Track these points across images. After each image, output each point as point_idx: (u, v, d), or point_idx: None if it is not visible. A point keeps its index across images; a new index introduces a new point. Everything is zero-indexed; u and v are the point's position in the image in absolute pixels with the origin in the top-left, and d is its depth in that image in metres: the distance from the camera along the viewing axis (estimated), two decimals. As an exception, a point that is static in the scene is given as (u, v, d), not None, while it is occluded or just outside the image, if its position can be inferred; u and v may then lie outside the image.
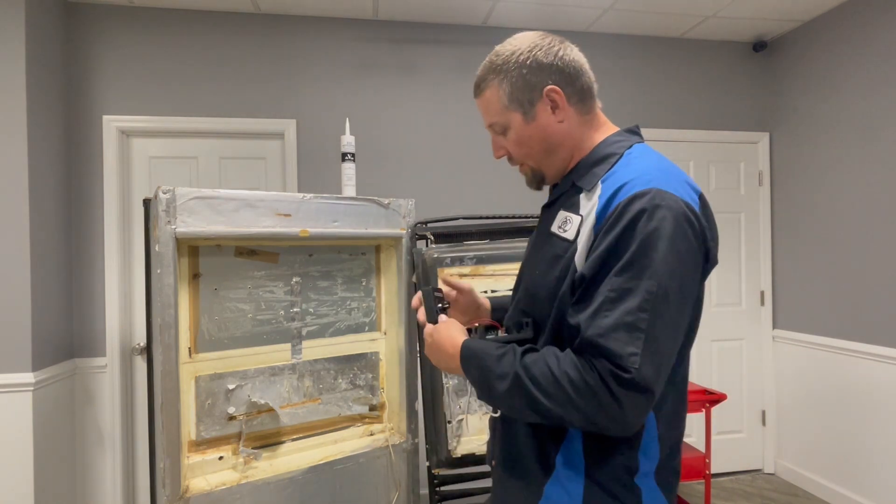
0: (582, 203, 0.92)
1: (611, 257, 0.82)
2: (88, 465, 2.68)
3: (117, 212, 2.71)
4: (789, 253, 3.31)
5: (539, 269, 0.95)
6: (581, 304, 0.84)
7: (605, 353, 0.78)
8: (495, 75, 0.99)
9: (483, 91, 1.02)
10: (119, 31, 2.75)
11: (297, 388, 1.80)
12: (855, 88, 2.85)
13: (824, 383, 3.02)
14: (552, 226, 0.96)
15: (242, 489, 1.59)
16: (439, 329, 1.02)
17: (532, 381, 0.83)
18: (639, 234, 0.80)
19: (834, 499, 2.94)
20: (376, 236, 1.86)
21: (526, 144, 1.00)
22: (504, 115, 0.99)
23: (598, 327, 0.79)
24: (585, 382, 0.78)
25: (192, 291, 1.63)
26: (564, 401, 0.80)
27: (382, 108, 3.02)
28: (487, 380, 0.89)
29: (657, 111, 3.31)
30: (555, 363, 0.82)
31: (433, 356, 1.03)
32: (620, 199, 0.84)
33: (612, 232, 0.82)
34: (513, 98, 0.98)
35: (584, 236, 0.87)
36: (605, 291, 0.80)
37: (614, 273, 0.80)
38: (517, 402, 0.86)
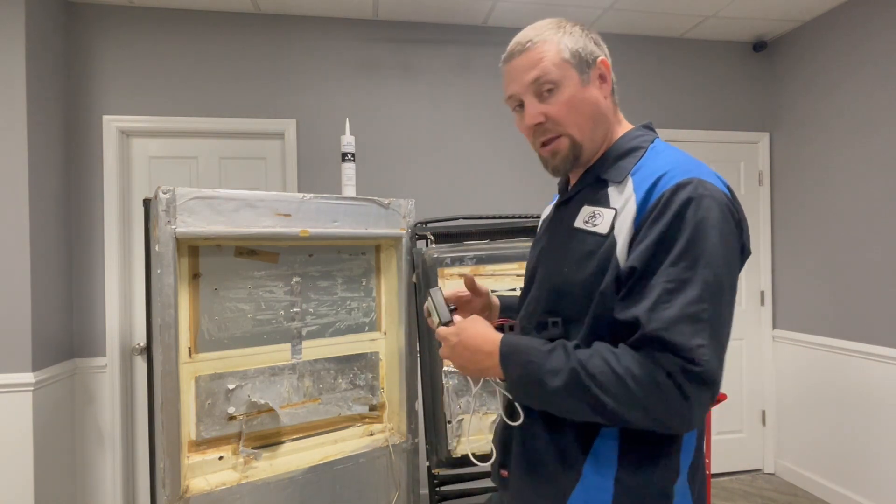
0: (612, 196, 0.88)
1: (661, 248, 0.78)
2: (88, 465, 2.68)
3: (117, 212, 2.71)
4: (789, 253, 3.31)
5: (568, 267, 0.89)
6: (633, 298, 0.79)
7: (671, 347, 0.74)
8: (553, 32, 0.93)
9: (535, 45, 0.92)
10: (119, 31, 2.75)
11: (297, 388, 1.80)
12: (855, 88, 2.85)
13: (824, 383, 3.02)
14: (575, 221, 0.91)
15: (242, 489, 1.59)
16: (465, 327, 0.92)
17: (591, 377, 0.77)
18: (689, 223, 0.78)
19: (834, 499, 2.94)
20: (376, 236, 1.86)
21: (577, 109, 0.91)
22: (561, 70, 0.90)
23: (661, 320, 0.75)
24: (652, 379, 0.75)
25: (192, 291, 1.63)
26: (628, 399, 0.76)
27: (382, 108, 3.02)
28: (537, 376, 0.81)
29: (657, 111, 3.31)
30: (613, 359, 0.77)
31: (460, 358, 0.92)
32: (663, 188, 0.81)
33: (659, 222, 0.79)
34: (574, 54, 0.91)
35: (625, 229, 0.83)
36: (661, 283, 0.77)
37: (669, 263, 0.77)
38: (572, 401, 0.80)
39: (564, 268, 0.90)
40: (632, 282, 0.80)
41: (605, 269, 0.84)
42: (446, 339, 0.94)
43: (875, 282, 2.73)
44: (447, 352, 0.94)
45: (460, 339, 0.91)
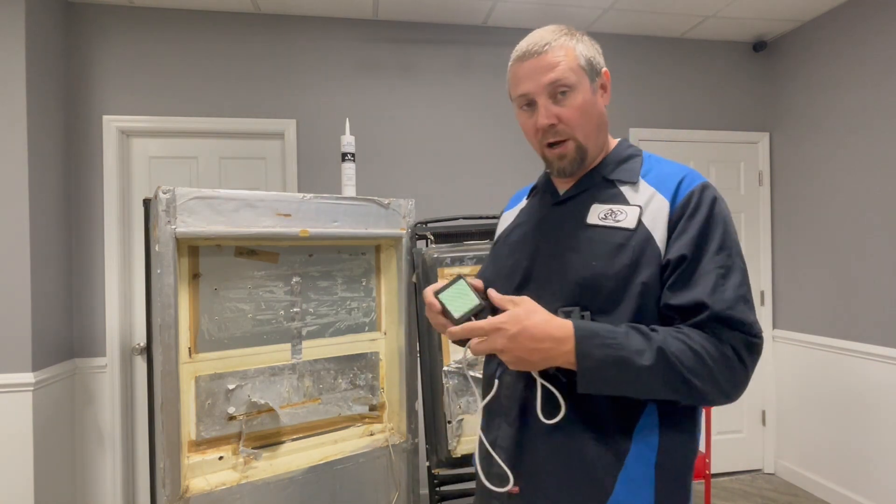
0: (628, 195, 0.96)
1: (704, 238, 0.88)
2: (88, 465, 2.68)
3: (117, 212, 2.71)
4: (789, 253, 3.31)
5: (598, 260, 0.91)
6: (689, 283, 0.86)
7: (736, 323, 0.84)
8: (569, 38, 0.96)
9: (553, 48, 0.94)
10: (119, 31, 2.76)
11: (297, 388, 1.80)
12: (855, 88, 2.85)
13: (824, 383, 3.02)
14: (588, 219, 0.96)
15: (242, 489, 1.59)
16: (526, 313, 0.86)
17: (675, 356, 0.82)
18: (720, 218, 0.90)
19: (834, 499, 2.94)
20: (376, 236, 1.86)
21: (587, 115, 0.96)
22: (577, 75, 0.94)
23: (724, 301, 0.84)
24: (723, 354, 0.83)
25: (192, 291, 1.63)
26: (707, 375, 0.83)
27: (382, 108, 3.02)
28: (624, 356, 0.82)
29: (657, 111, 3.31)
30: (687, 339, 0.83)
31: (521, 348, 0.85)
32: (689, 187, 0.92)
33: (696, 216, 0.89)
34: (588, 62, 0.96)
35: (660, 222, 0.91)
36: (712, 269, 0.86)
37: (714, 252, 0.87)
38: (659, 379, 0.82)
39: (592, 261, 0.91)
40: (683, 268, 0.87)
41: (640, 259, 0.89)
42: (501, 329, 0.85)
43: (875, 282, 2.73)
44: (505, 343, 0.85)
45: (524, 327, 0.84)
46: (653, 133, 3.28)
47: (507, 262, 1.06)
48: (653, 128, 3.28)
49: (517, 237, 1.08)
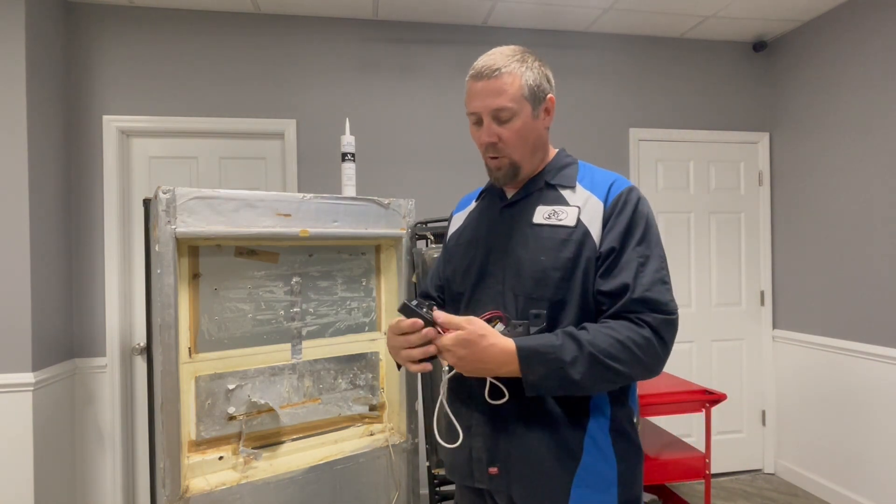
0: (568, 197, 1.10)
1: (629, 233, 1.04)
2: (88, 465, 2.68)
3: (117, 212, 2.71)
4: (789, 253, 3.31)
5: (546, 255, 1.05)
6: (613, 271, 1.02)
7: (654, 304, 0.99)
8: (519, 65, 1.07)
9: (502, 75, 1.06)
10: (119, 31, 2.76)
11: (297, 388, 1.80)
12: (855, 88, 2.85)
13: (824, 383, 3.02)
14: (534, 218, 1.10)
15: (242, 489, 1.59)
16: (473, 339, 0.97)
17: (605, 354, 0.95)
18: (642, 216, 1.06)
19: (834, 499, 2.94)
20: (376, 236, 1.86)
21: (524, 138, 1.09)
22: (519, 104, 1.06)
23: (643, 285, 0.99)
24: (644, 338, 0.97)
25: (192, 291, 1.63)
26: (633, 360, 0.97)
27: (382, 108, 3.02)
28: (561, 371, 0.95)
29: (657, 111, 3.31)
30: (612, 332, 0.97)
31: (470, 367, 0.98)
32: (619, 189, 1.08)
33: (623, 214, 1.05)
34: (531, 91, 1.08)
35: (596, 220, 1.05)
36: (634, 258, 1.02)
37: (635, 244, 1.03)
38: (594, 380, 0.97)
39: (541, 256, 1.05)
40: (612, 258, 1.02)
41: (581, 251, 1.04)
42: (452, 351, 0.98)
43: (875, 282, 2.73)
44: (454, 361, 0.99)
45: (471, 351, 0.97)
46: (653, 133, 3.28)
47: (463, 261, 1.19)
48: (653, 128, 3.28)
49: (469, 237, 1.21)
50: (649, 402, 2.30)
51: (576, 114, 3.18)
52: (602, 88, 3.22)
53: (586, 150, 3.13)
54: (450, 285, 1.23)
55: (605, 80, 3.23)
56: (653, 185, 3.31)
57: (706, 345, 3.35)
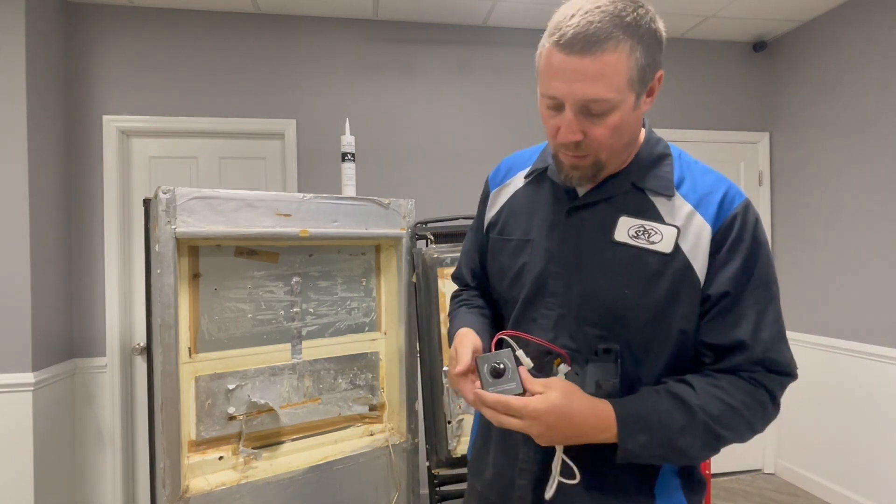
0: (663, 211, 0.85)
1: (748, 272, 0.82)
2: (88, 465, 2.68)
3: (117, 212, 2.71)
4: (789, 253, 3.30)
5: (631, 289, 0.83)
6: (726, 322, 0.82)
7: (776, 365, 0.81)
8: (628, 36, 0.75)
9: (605, 52, 0.74)
10: (119, 31, 2.75)
11: (297, 388, 1.80)
12: (855, 88, 2.85)
13: (824, 383, 3.02)
14: (615, 234, 0.85)
15: (242, 489, 1.59)
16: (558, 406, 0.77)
17: (718, 424, 0.79)
18: (761, 246, 0.83)
19: (834, 499, 2.94)
20: (376, 236, 1.86)
21: (619, 134, 0.81)
22: (621, 94, 0.77)
23: (763, 343, 0.81)
24: (759, 402, 0.81)
25: (192, 291, 1.63)
26: (744, 427, 0.82)
27: (382, 108, 3.02)
28: (668, 441, 0.79)
29: (657, 111, 3.30)
30: (726, 395, 0.80)
31: (558, 435, 0.78)
32: (732, 208, 0.84)
33: (739, 247, 0.82)
34: (640, 74, 0.78)
35: (701, 248, 0.82)
36: (752, 306, 0.81)
37: (755, 286, 0.82)
38: (701, 449, 0.81)
39: (626, 289, 0.83)
40: (723, 304, 0.82)
41: (678, 290, 0.82)
42: (538, 418, 0.76)
43: (875, 282, 2.73)
44: (541, 431, 0.78)
45: (564, 416, 0.77)
46: (653, 133, 3.27)
47: (513, 262, 0.95)
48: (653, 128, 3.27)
49: (520, 233, 0.96)
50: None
51: (576, 114, 3.18)
52: (602, 88, 3.22)
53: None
54: (493, 283, 1.03)
55: (605, 80, 3.23)
56: (653, 185, 3.31)
57: (706, 345, 3.35)
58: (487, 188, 1.09)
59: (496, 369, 0.81)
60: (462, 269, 1.15)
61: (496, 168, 1.10)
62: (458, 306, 1.09)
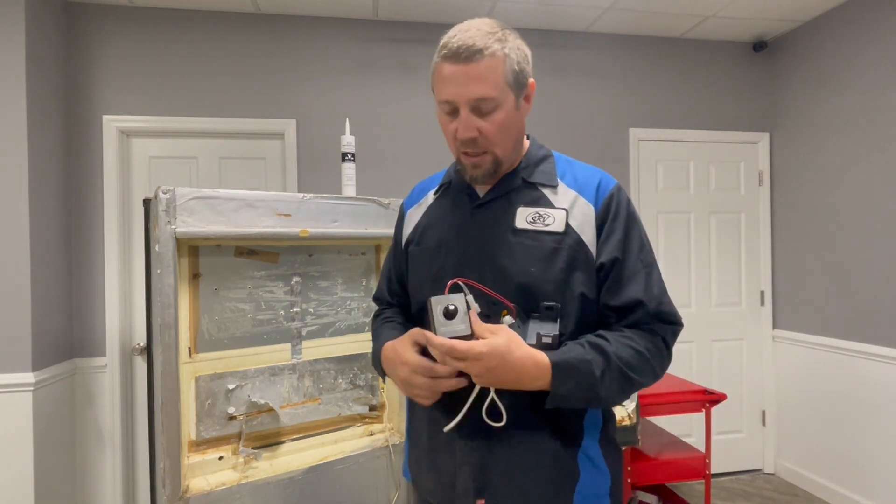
0: (551, 198, 0.99)
1: (628, 240, 0.97)
2: (88, 465, 2.68)
3: (117, 212, 2.71)
4: (789, 253, 3.30)
5: (535, 266, 0.95)
6: (621, 284, 0.95)
7: (667, 317, 0.96)
8: (501, 45, 0.91)
9: (484, 58, 0.89)
10: (119, 31, 2.75)
11: (297, 388, 1.80)
12: (855, 88, 2.85)
13: (824, 383, 3.02)
14: (516, 222, 0.98)
15: (242, 489, 1.59)
16: (508, 348, 0.86)
17: (629, 368, 0.91)
18: (635, 218, 1.00)
19: (834, 499, 2.94)
20: (376, 236, 1.86)
21: (506, 131, 0.96)
22: (503, 93, 0.92)
23: (655, 298, 0.95)
24: (658, 347, 0.95)
25: (192, 291, 1.63)
26: (649, 371, 0.94)
27: (382, 108, 3.02)
28: (590, 386, 0.89)
29: (657, 111, 3.31)
30: (633, 343, 0.93)
31: (497, 378, 0.87)
32: (608, 190, 1.00)
33: (619, 219, 0.97)
34: (515, 77, 0.93)
35: (588, 225, 0.97)
36: (640, 268, 0.96)
37: (637, 251, 0.97)
38: (615, 393, 0.92)
39: (531, 267, 0.95)
40: (616, 270, 0.96)
41: (574, 262, 0.95)
42: (481, 360, 0.85)
43: (875, 281, 2.73)
44: (481, 371, 0.86)
45: (504, 361, 0.86)
46: (653, 133, 3.28)
47: (429, 269, 1.04)
48: (653, 128, 3.28)
49: (434, 241, 1.06)
50: (649, 402, 2.30)
51: (576, 114, 3.18)
52: (602, 88, 3.22)
53: (586, 150, 3.13)
54: (413, 292, 1.11)
55: (605, 80, 3.23)
56: (653, 185, 3.31)
57: (706, 345, 3.35)
58: (402, 211, 1.23)
59: (448, 311, 0.88)
60: (382, 289, 1.25)
61: (409, 193, 1.27)
62: (380, 324, 1.17)
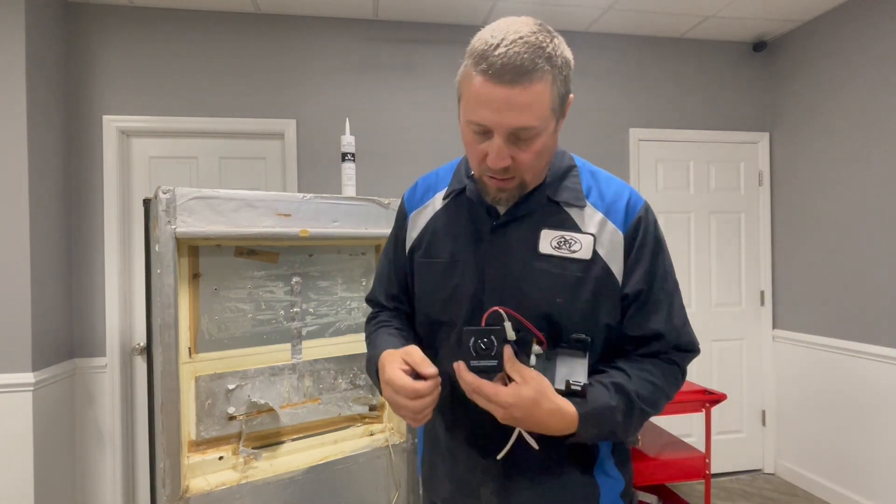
0: (577, 220, 0.92)
1: (654, 268, 0.93)
2: (88, 465, 2.68)
3: (117, 212, 2.71)
4: (789, 253, 3.30)
5: (561, 297, 0.89)
6: (643, 314, 0.93)
7: (686, 346, 0.95)
8: (550, 67, 0.80)
9: (533, 83, 0.78)
10: (119, 31, 2.75)
11: (297, 388, 1.80)
12: (855, 88, 2.85)
13: (824, 383, 3.02)
14: (540, 246, 0.91)
15: (242, 489, 1.59)
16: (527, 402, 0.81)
17: (649, 405, 0.90)
18: (661, 243, 0.96)
19: (834, 499, 2.94)
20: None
21: (542, 157, 0.87)
22: (546, 121, 0.82)
23: (675, 330, 0.94)
24: (674, 376, 0.94)
25: (192, 291, 1.63)
26: (664, 402, 0.94)
27: (382, 108, 3.02)
28: (612, 431, 0.88)
29: (657, 111, 3.31)
30: (651, 377, 0.91)
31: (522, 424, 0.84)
32: (636, 212, 0.93)
33: (646, 246, 0.93)
34: (560, 99, 0.84)
35: (616, 252, 0.91)
36: (663, 298, 0.93)
37: (661, 279, 0.94)
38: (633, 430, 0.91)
39: (556, 298, 0.89)
40: (640, 301, 0.92)
41: (601, 290, 0.91)
42: (507, 410, 0.81)
43: (875, 282, 2.73)
44: (504, 417, 0.82)
45: (530, 414, 0.81)
46: (653, 133, 3.28)
47: (443, 284, 0.98)
48: (653, 128, 3.28)
49: (447, 256, 0.98)
50: (649, 402, 2.29)
51: (576, 114, 3.18)
52: (602, 88, 3.22)
53: (586, 151, 3.12)
54: (421, 306, 1.04)
55: (605, 80, 3.23)
56: (653, 185, 3.31)
57: (706, 345, 3.35)
58: (405, 209, 1.13)
59: (481, 344, 0.83)
60: (376, 292, 1.16)
61: (412, 188, 1.16)
62: (376, 328, 1.09)
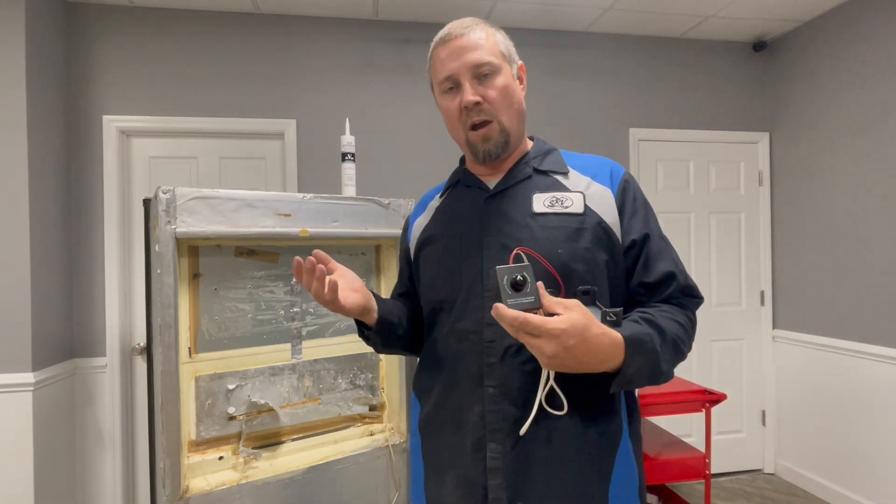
0: (565, 182, 1.01)
1: (649, 219, 1.00)
2: (88, 465, 2.68)
3: (117, 212, 2.71)
4: (789, 253, 3.30)
5: (562, 248, 0.93)
6: (651, 260, 0.97)
7: (692, 291, 0.98)
8: (488, 26, 1.04)
9: (476, 30, 1.01)
10: (119, 31, 2.75)
11: (297, 388, 1.80)
12: (855, 88, 2.85)
13: (824, 383, 3.02)
14: (533, 207, 0.98)
15: (242, 489, 1.59)
16: (586, 325, 0.78)
17: (679, 340, 0.92)
18: (648, 202, 1.03)
19: (834, 499, 2.94)
20: (376, 236, 1.86)
21: (509, 98, 1.00)
22: (500, 60, 1.00)
23: (684, 274, 0.98)
24: (690, 320, 0.97)
25: (192, 291, 1.63)
26: (689, 343, 0.95)
27: (382, 108, 3.02)
28: (655, 362, 0.87)
29: (657, 111, 3.31)
30: (673, 317, 0.94)
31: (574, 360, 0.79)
32: (620, 174, 1.02)
33: (637, 200, 1.00)
34: (507, 50, 1.03)
35: (607, 207, 0.97)
36: (664, 246, 0.99)
37: (658, 231, 1.00)
38: (671, 367, 0.91)
39: (558, 248, 0.94)
40: (648, 246, 0.97)
41: (598, 240, 0.95)
42: (559, 339, 0.77)
43: (875, 282, 2.73)
44: (555, 350, 0.78)
45: (584, 339, 0.78)
46: (653, 133, 3.28)
47: (443, 263, 1.02)
48: (653, 128, 3.28)
49: (446, 236, 1.04)
50: (649, 402, 2.29)
51: (576, 114, 3.18)
52: (602, 88, 3.22)
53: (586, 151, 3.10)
54: (425, 292, 1.08)
55: (605, 80, 3.23)
56: (653, 185, 3.31)
57: (706, 345, 3.35)
58: (408, 223, 1.21)
59: (516, 281, 0.80)
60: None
61: (414, 208, 1.24)
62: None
